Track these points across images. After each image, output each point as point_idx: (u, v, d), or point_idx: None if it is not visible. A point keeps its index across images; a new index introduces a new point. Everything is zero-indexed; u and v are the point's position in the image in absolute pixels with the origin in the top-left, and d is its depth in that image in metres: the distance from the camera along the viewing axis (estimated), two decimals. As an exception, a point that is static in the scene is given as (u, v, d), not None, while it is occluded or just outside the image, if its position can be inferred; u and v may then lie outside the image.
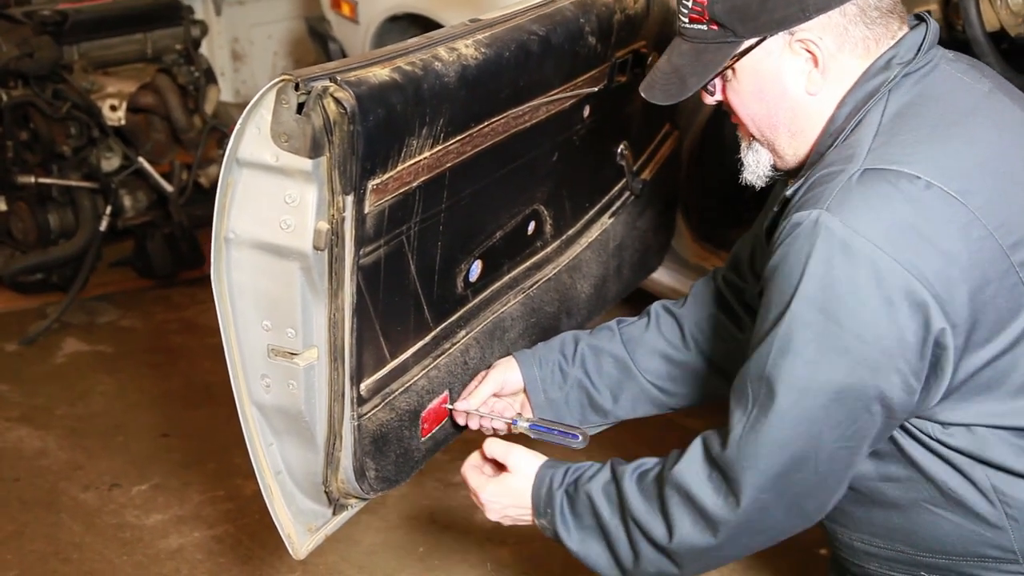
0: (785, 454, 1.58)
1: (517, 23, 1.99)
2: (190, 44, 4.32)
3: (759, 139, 1.75)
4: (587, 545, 1.77)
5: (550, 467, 1.85)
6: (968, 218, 1.54)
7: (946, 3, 2.57)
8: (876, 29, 1.64)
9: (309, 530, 1.94)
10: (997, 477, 1.63)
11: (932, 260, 1.52)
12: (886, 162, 1.56)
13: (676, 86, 1.71)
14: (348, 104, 1.61)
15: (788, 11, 1.61)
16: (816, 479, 1.61)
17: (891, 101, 1.63)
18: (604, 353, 2.08)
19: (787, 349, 1.56)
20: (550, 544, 1.87)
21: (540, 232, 2.27)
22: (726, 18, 1.64)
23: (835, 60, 1.64)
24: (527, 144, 2.08)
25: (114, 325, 4.00)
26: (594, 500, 1.75)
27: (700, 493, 1.64)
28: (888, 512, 1.70)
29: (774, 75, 1.67)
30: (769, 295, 1.60)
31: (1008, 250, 1.56)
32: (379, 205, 1.75)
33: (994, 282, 1.55)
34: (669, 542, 1.67)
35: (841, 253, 1.52)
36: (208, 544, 2.86)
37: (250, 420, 1.84)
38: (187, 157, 4.19)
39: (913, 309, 1.51)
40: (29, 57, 3.89)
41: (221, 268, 1.74)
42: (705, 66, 1.68)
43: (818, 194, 1.57)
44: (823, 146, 1.67)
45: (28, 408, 3.48)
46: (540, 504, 1.83)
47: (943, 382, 1.57)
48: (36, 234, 4.06)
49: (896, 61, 1.64)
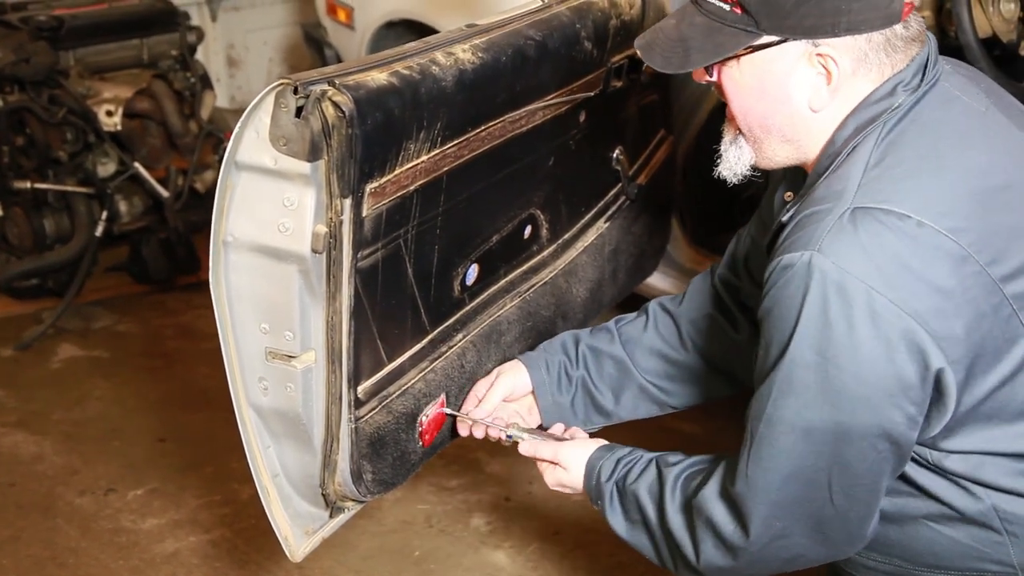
0: (789, 488, 1.60)
1: (514, 28, 2.00)
2: (186, 50, 4.33)
3: (746, 135, 1.72)
4: (636, 535, 1.81)
5: (599, 458, 1.87)
6: (960, 255, 1.54)
7: (939, 10, 2.58)
8: (895, 57, 1.62)
9: (306, 533, 1.94)
10: (996, 496, 1.63)
11: (926, 299, 1.51)
12: (876, 200, 1.54)
13: (679, 57, 1.65)
14: (346, 108, 1.62)
15: (820, 21, 1.56)
16: (835, 512, 1.61)
17: (887, 127, 1.61)
18: (603, 354, 2.09)
19: (787, 391, 1.57)
20: (546, 547, 1.88)
21: (536, 236, 2.28)
22: (756, 7, 1.57)
23: (848, 82, 1.62)
24: (524, 148, 2.09)
25: (110, 330, 4.00)
26: (640, 501, 1.78)
27: (718, 519, 1.67)
28: (886, 527, 1.71)
29: (782, 79, 1.63)
30: (766, 336, 1.61)
31: (1000, 283, 1.56)
32: (377, 208, 1.75)
33: (989, 316, 1.55)
34: (697, 563, 1.71)
35: (836, 295, 1.51)
36: (204, 548, 2.86)
37: (247, 423, 1.84)
38: (183, 162, 4.19)
39: (911, 348, 1.51)
40: (25, 62, 3.89)
41: (219, 271, 1.74)
42: (716, 46, 1.62)
43: (809, 234, 1.55)
44: (821, 167, 1.65)
45: (24, 413, 3.48)
46: (592, 493, 1.87)
47: (945, 416, 1.58)
48: (32, 239, 4.06)
49: (902, 87, 1.62)
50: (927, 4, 2.60)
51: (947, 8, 2.52)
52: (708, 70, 1.67)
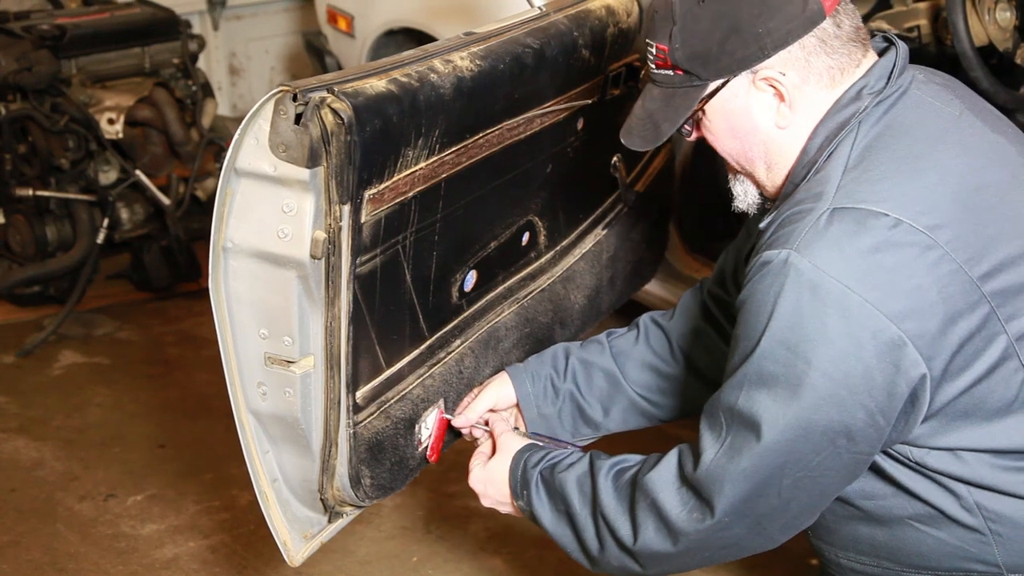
0: (751, 482, 1.61)
1: (512, 36, 2.02)
2: (188, 58, 4.34)
3: (740, 172, 1.78)
4: (559, 527, 1.82)
5: (529, 449, 1.89)
6: (938, 254, 1.56)
7: (935, 18, 2.60)
8: (839, 58, 1.65)
9: (305, 537, 1.95)
10: (979, 494, 1.65)
11: (902, 298, 1.53)
12: (854, 200, 1.57)
13: (651, 132, 1.74)
14: (345, 115, 1.63)
15: (747, 51, 1.63)
16: (779, 503, 1.64)
17: (861, 132, 1.64)
18: (594, 367, 2.10)
19: (757, 385, 1.59)
20: (544, 553, 1.89)
21: (534, 243, 2.29)
22: (688, 64, 1.66)
23: (801, 92, 1.66)
24: (522, 155, 2.10)
25: (111, 337, 4.01)
26: (567, 490, 1.79)
27: (667, 503, 1.68)
28: (872, 529, 1.72)
29: (743, 113, 1.69)
30: (739, 329, 1.63)
31: (978, 281, 1.58)
32: (375, 215, 1.77)
33: (966, 314, 1.57)
34: (633, 544, 1.72)
35: (810, 293, 1.54)
36: (203, 554, 2.87)
37: (246, 428, 1.85)
38: (184, 170, 4.20)
39: (881, 349, 1.53)
40: (28, 71, 3.90)
41: (219, 277, 1.75)
42: (675, 110, 1.70)
43: (788, 233, 1.59)
44: (797, 177, 1.68)
45: (25, 419, 3.48)
46: (517, 486, 1.87)
47: (920, 413, 1.60)
48: (34, 246, 4.07)
49: (867, 91, 1.66)
50: (923, 14, 2.62)
51: (943, 17, 2.53)
52: (684, 132, 1.75)
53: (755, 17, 1.61)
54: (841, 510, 1.74)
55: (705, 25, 1.63)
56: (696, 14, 1.63)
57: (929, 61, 2.50)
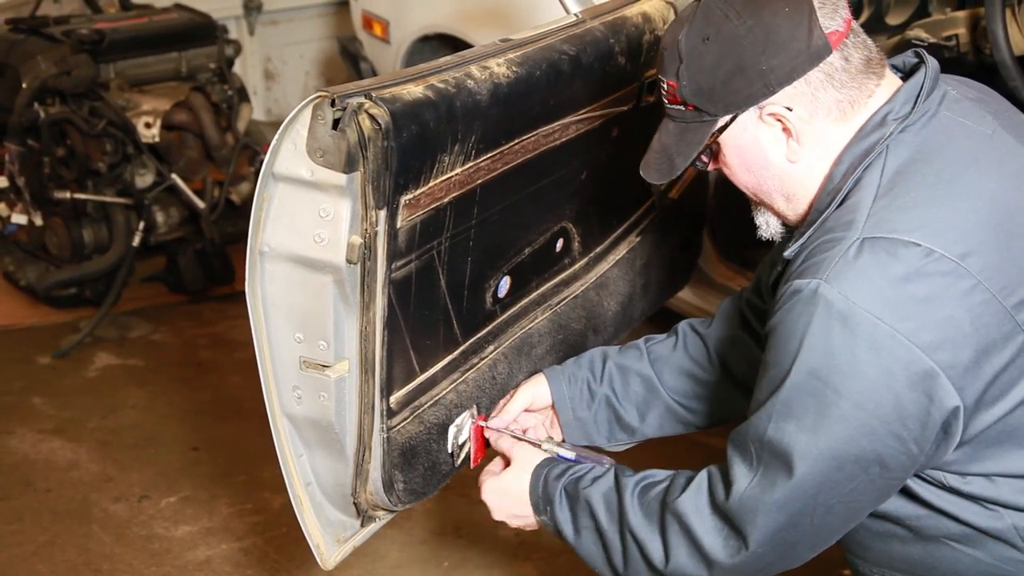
0: (785, 513, 1.60)
1: (548, 43, 2.02)
2: (224, 63, 4.37)
3: (761, 204, 1.78)
4: (584, 543, 1.81)
5: (549, 463, 1.88)
6: (970, 283, 1.54)
7: (974, 28, 2.58)
8: (848, 91, 1.64)
9: (337, 541, 1.96)
10: (1015, 515, 1.63)
11: (933, 329, 1.51)
12: (885, 230, 1.55)
13: (666, 165, 1.75)
14: (383, 120, 1.64)
15: (752, 88, 1.63)
16: (811, 530, 1.63)
17: (890, 158, 1.62)
18: (631, 372, 2.10)
19: (787, 416, 1.58)
20: (575, 560, 1.88)
21: (568, 249, 2.29)
22: (695, 100, 1.67)
23: (809, 126, 1.65)
24: (556, 162, 2.10)
25: (145, 339, 4.04)
26: (593, 505, 1.78)
27: (700, 531, 1.67)
28: (907, 547, 1.71)
29: (754, 147, 1.69)
30: (768, 359, 1.62)
31: (1012, 310, 1.56)
32: (411, 220, 1.77)
33: (999, 343, 1.55)
34: (665, 567, 1.70)
35: (840, 324, 1.52)
36: (236, 556, 2.88)
37: (281, 431, 1.86)
38: (219, 174, 4.23)
39: (914, 379, 1.51)
40: (67, 75, 3.95)
41: (255, 280, 1.76)
42: (688, 145, 1.71)
43: (818, 262, 1.57)
44: (822, 204, 1.67)
45: (60, 420, 3.52)
46: (539, 501, 1.86)
47: (952, 442, 1.58)
48: (70, 249, 4.11)
49: (892, 116, 1.64)
50: (962, 22, 2.60)
51: (982, 26, 2.51)
52: (699, 165, 1.76)
53: (759, 54, 1.61)
54: (876, 527, 1.73)
55: (710, 62, 1.63)
56: (701, 52, 1.64)
57: (967, 70, 2.48)
